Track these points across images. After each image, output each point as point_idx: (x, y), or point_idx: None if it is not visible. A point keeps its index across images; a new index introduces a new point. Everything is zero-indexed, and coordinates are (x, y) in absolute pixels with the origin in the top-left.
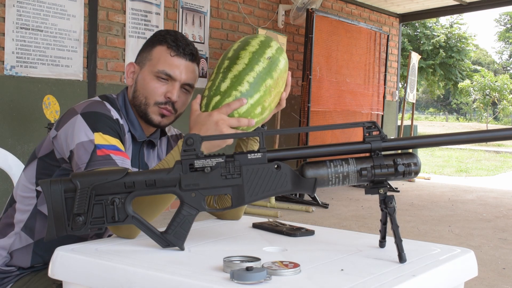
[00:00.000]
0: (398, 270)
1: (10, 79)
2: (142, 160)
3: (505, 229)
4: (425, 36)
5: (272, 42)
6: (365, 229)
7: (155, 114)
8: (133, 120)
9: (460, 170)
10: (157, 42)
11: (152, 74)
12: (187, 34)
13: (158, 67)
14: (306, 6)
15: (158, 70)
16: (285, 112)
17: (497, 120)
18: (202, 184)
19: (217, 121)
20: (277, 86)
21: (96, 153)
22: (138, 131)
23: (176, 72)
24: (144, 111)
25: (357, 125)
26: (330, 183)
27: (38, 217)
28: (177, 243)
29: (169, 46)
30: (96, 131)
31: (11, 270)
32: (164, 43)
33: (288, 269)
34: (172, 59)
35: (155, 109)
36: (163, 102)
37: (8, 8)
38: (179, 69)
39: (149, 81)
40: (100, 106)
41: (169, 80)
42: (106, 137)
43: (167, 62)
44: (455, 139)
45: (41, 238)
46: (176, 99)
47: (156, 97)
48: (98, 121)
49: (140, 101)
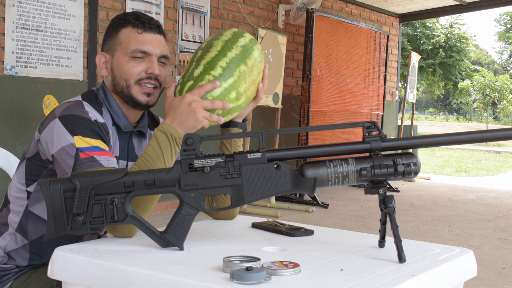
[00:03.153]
0: (397, 270)
1: (10, 79)
2: (132, 152)
3: (505, 229)
4: (425, 36)
5: (246, 33)
6: (365, 229)
7: (139, 95)
8: (117, 110)
9: (460, 170)
10: (120, 25)
11: (126, 56)
12: (187, 34)
13: (131, 47)
14: (306, 6)
15: (132, 50)
16: (285, 112)
17: (497, 120)
18: (202, 184)
19: (190, 102)
20: (252, 74)
21: (79, 156)
22: (123, 120)
23: (149, 47)
24: (128, 94)
25: (357, 125)
26: (329, 183)
27: (30, 218)
28: (177, 243)
29: (134, 25)
30: (75, 134)
31: (10, 268)
32: (128, 24)
33: (288, 269)
34: (142, 36)
35: (137, 88)
36: (145, 77)
37: (8, 8)
38: (152, 43)
39: (126, 64)
40: (78, 109)
41: (145, 57)
42: (86, 140)
43: (137, 40)
44: (455, 139)
45: (36, 238)
46: (158, 72)
47: (136, 75)
48: (76, 124)
49: (122, 86)
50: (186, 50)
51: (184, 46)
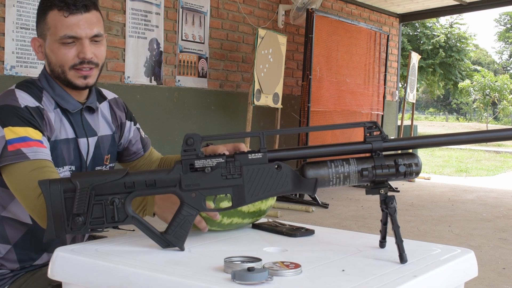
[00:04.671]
0: (399, 271)
1: (10, 79)
2: (88, 127)
3: (505, 229)
4: (425, 36)
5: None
6: (365, 229)
7: (76, 79)
8: (61, 93)
9: (460, 170)
10: (47, 8)
11: (56, 42)
12: (187, 34)
13: (59, 33)
14: (306, 6)
15: (61, 37)
16: (285, 112)
17: (497, 120)
18: (203, 184)
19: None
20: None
21: (7, 149)
22: (71, 101)
23: (78, 31)
24: (65, 79)
25: (358, 125)
26: (331, 184)
27: (5, 222)
28: (177, 244)
29: (59, 8)
30: (5, 126)
31: (4, 273)
32: (54, 7)
33: (289, 269)
34: (68, 19)
35: (73, 73)
36: (78, 62)
37: (8, 8)
38: (79, 26)
39: (57, 50)
40: (8, 97)
41: (75, 41)
42: (15, 130)
43: (64, 25)
44: (455, 139)
45: (18, 240)
46: (91, 55)
47: (69, 62)
48: (6, 114)
49: (58, 72)
50: (186, 50)
51: (184, 46)
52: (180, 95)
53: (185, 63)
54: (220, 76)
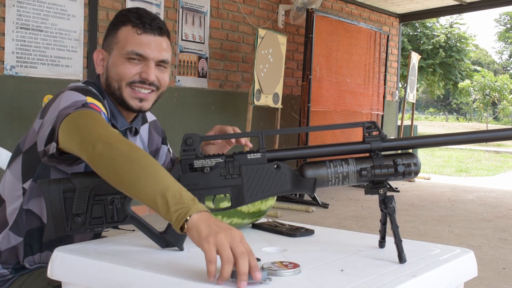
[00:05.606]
0: (398, 271)
1: (10, 79)
2: None
3: (505, 229)
4: (425, 36)
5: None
6: (365, 229)
7: (131, 99)
8: (113, 110)
9: (460, 170)
10: (121, 23)
11: (122, 57)
12: (187, 34)
13: (127, 48)
14: (306, 6)
15: (128, 51)
16: (285, 112)
17: (497, 120)
18: (202, 184)
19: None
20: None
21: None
22: (120, 119)
23: (147, 50)
24: (119, 96)
25: (357, 125)
26: (330, 183)
27: (25, 215)
28: (177, 243)
29: (134, 24)
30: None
31: (3, 274)
32: (128, 23)
33: (288, 269)
34: (140, 37)
35: (129, 91)
36: (138, 81)
37: (8, 8)
38: (150, 46)
39: (120, 65)
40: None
41: (142, 60)
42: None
43: (135, 42)
44: (455, 139)
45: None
46: (154, 78)
47: (129, 77)
48: (89, 93)
49: (114, 87)
50: (186, 50)
51: (184, 46)
52: (180, 95)
53: (185, 63)
54: (220, 76)
